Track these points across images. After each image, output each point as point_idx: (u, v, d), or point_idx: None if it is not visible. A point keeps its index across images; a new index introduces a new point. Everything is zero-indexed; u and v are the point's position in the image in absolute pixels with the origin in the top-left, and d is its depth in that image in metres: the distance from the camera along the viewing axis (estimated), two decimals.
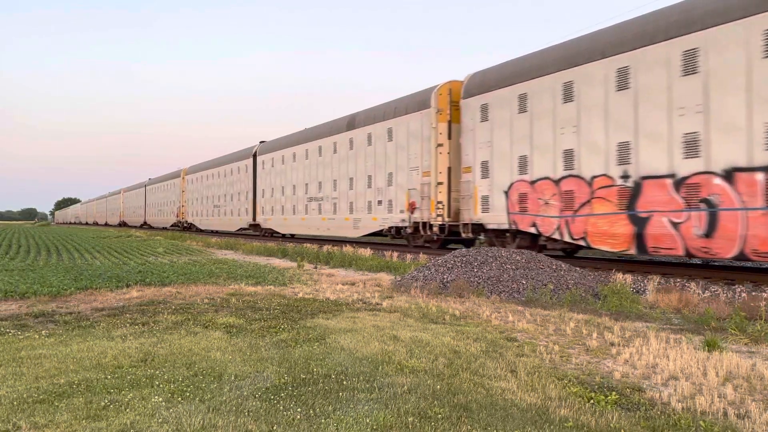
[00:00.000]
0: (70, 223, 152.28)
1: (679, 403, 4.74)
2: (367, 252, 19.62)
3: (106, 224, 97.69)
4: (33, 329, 7.60)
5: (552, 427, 4.16)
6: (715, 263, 15.58)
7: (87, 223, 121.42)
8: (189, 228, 50.58)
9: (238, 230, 40.75)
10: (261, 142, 38.46)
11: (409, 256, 17.99)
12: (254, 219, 37.30)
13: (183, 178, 52.87)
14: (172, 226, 56.15)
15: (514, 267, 11.95)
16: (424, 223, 20.76)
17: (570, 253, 17.90)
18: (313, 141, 29.83)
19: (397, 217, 22.28)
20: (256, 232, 38.09)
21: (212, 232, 46.60)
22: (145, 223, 69.93)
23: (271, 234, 36.28)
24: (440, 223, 19.83)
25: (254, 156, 37.79)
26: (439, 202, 19.91)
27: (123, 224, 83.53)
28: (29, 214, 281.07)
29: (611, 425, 4.22)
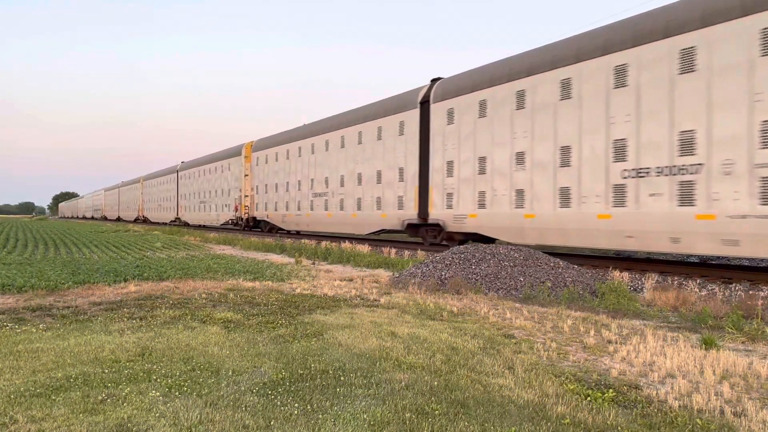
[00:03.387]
0: (84, 217, 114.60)
1: (676, 401, 4.75)
2: (365, 248, 19.63)
3: (176, 222, 52.14)
4: (30, 323, 7.59)
5: (549, 423, 4.17)
6: (713, 262, 15.60)
7: (120, 219, 77.55)
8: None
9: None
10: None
11: (407, 253, 18.01)
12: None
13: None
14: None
15: (512, 264, 11.96)
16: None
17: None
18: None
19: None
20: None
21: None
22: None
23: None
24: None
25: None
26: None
27: (254, 223, 36.70)
28: (27, 208, 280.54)
29: (608, 422, 4.23)
